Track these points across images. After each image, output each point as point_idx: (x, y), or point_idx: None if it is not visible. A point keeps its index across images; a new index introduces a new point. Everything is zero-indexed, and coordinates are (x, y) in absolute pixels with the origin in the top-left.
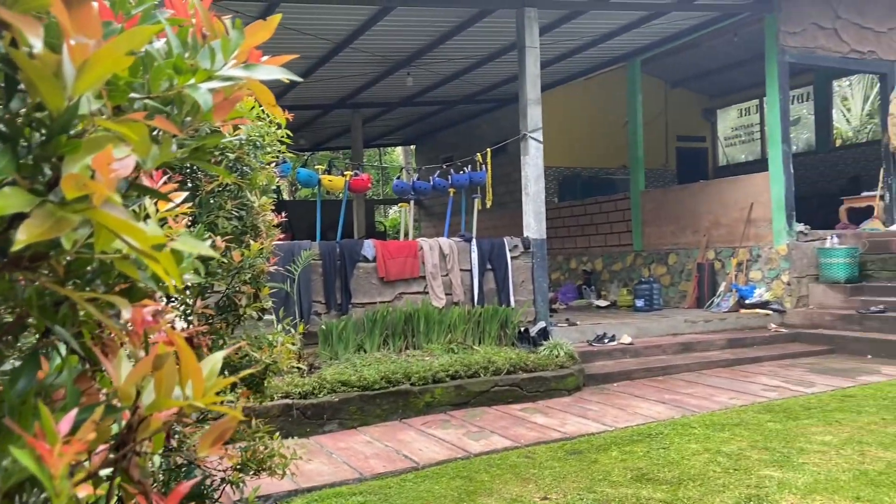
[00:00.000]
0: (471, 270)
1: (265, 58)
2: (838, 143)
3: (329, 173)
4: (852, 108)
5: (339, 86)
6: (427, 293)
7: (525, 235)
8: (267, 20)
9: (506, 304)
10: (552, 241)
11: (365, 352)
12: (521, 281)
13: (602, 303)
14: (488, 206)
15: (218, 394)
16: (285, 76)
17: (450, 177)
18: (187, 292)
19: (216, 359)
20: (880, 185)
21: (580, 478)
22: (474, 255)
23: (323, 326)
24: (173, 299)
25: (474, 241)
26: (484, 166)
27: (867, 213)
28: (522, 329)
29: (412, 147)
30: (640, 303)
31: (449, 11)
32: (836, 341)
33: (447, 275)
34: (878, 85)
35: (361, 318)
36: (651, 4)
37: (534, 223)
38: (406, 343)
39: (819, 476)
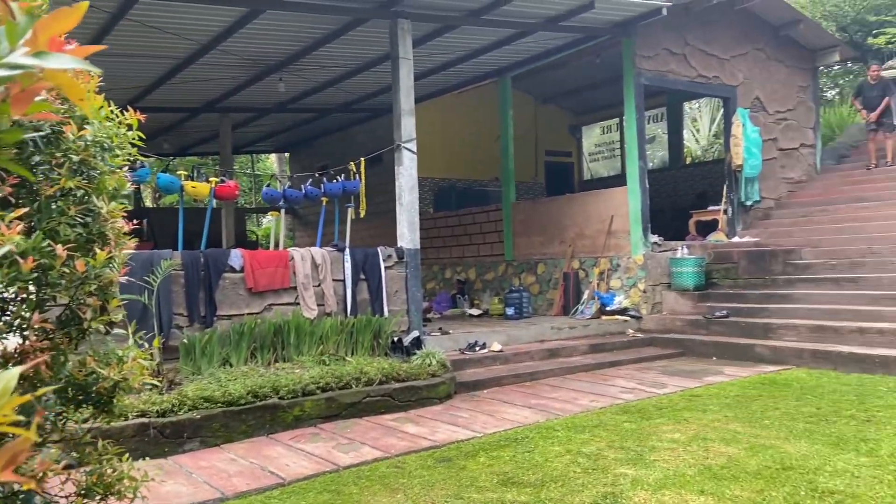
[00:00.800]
0: (344, 280)
1: (70, 47)
2: (689, 160)
3: (193, 179)
4: (701, 128)
5: (207, 88)
6: (298, 304)
7: (399, 245)
8: (73, 6)
9: (379, 314)
10: (427, 251)
11: (231, 366)
12: (395, 291)
13: (475, 311)
14: (362, 215)
15: (60, 415)
16: (82, 66)
17: (322, 185)
18: (23, 305)
19: (8, 376)
20: (724, 200)
21: (448, 485)
22: (347, 265)
23: (185, 340)
24: (6, 313)
25: (348, 251)
26: (358, 175)
27: (713, 225)
28: (396, 339)
29: (286, 154)
30: (510, 311)
31: (321, 18)
32: (685, 345)
33: (319, 285)
34: (723, 108)
35: (227, 331)
36: (519, 23)
37: (408, 233)
38: (275, 356)
39: (668, 472)
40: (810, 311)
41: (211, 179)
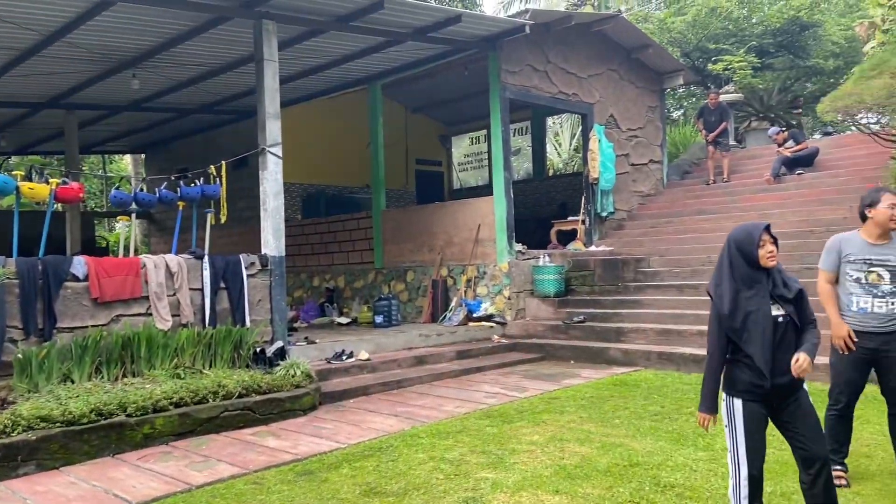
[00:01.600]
0: (202, 289)
1: None
2: (551, 172)
3: (30, 179)
4: (563, 142)
5: (51, 83)
6: (150, 314)
7: (263, 252)
8: None
9: (241, 325)
10: (296, 259)
11: (73, 382)
12: (258, 300)
13: (344, 320)
14: (223, 221)
15: None
16: None
17: (179, 189)
18: None
19: None
20: (582, 211)
21: (309, 499)
22: (206, 273)
23: (19, 355)
24: None
25: (206, 259)
26: (219, 179)
27: (573, 235)
28: (258, 350)
29: (142, 156)
30: (379, 319)
31: (181, 14)
32: (546, 349)
33: (175, 294)
34: (581, 124)
35: (69, 345)
36: (388, 32)
37: (273, 240)
38: (124, 370)
39: (527, 474)
40: (657, 315)
41: (52, 180)
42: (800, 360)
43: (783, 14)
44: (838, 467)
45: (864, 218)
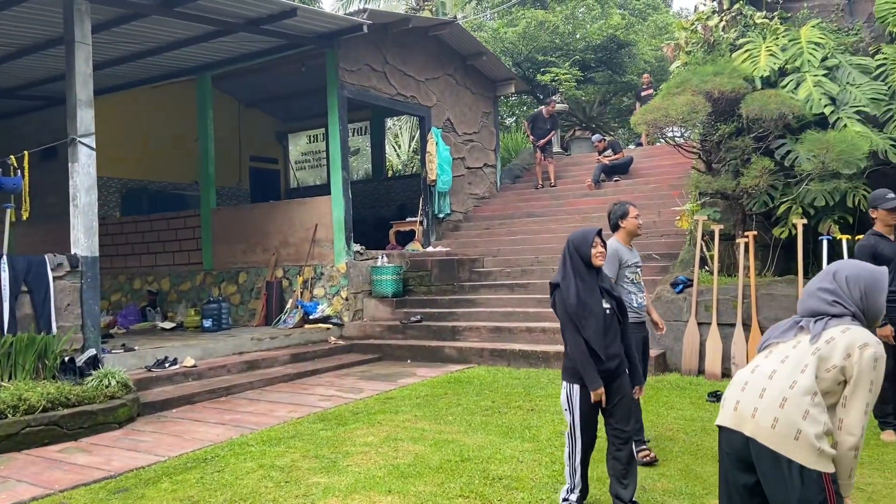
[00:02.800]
0: (0, 293)
1: None
2: (391, 173)
3: None
4: (402, 144)
5: None
6: None
7: (73, 252)
8: None
9: (46, 332)
10: (113, 259)
11: None
12: (67, 304)
13: (168, 325)
14: (25, 217)
15: None
16: None
17: None
18: None
19: None
20: (420, 212)
21: None
22: (4, 276)
23: None
24: None
25: (5, 259)
26: (21, 171)
27: (411, 235)
28: (67, 359)
29: None
30: (208, 323)
31: None
32: (384, 349)
33: None
34: (420, 126)
35: None
36: (218, 20)
37: (84, 239)
38: None
39: (360, 476)
40: (490, 314)
41: None
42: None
43: (603, 32)
44: (643, 446)
45: (616, 227)
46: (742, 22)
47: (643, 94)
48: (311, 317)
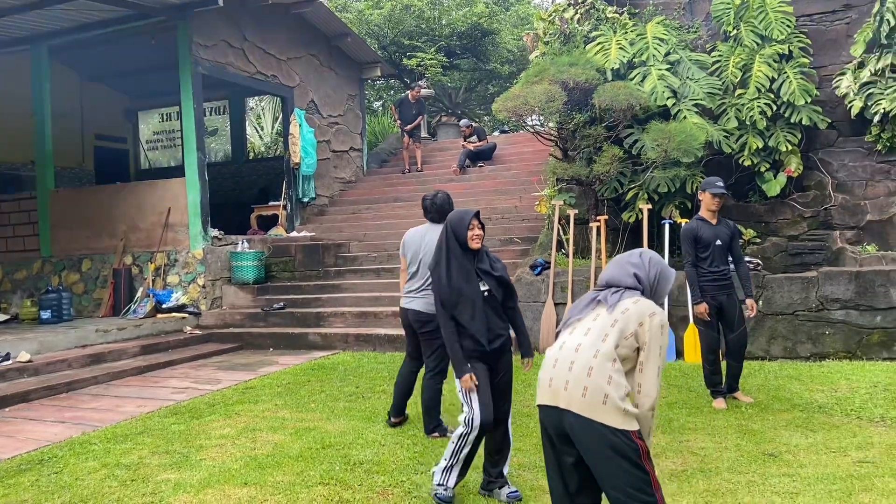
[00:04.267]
0: None
1: None
2: (252, 156)
3: None
4: (265, 125)
5: None
6: None
7: None
8: None
9: None
10: None
11: None
12: None
13: (1, 317)
14: None
15: None
16: None
17: None
18: None
19: None
20: (283, 196)
21: None
22: None
23: None
24: None
25: None
26: None
27: (274, 220)
28: None
29: None
30: (46, 314)
31: None
32: (244, 338)
33: None
34: (282, 107)
35: None
36: None
37: None
38: None
39: (214, 470)
40: (356, 299)
41: None
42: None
43: (467, 20)
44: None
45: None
46: (595, 15)
47: (409, 109)
48: (164, 306)
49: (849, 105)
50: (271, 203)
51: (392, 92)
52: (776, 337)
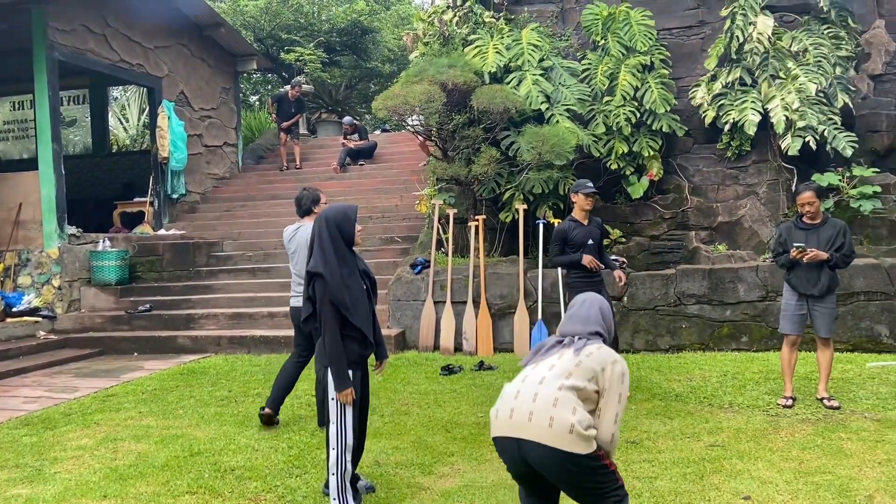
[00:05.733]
0: None
1: None
2: (116, 148)
3: None
4: (130, 116)
5: None
6: None
7: None
8: None
9: None
10: None
11: None
12: None
13: None
14: None
15: None
16: None
17: None
18: None
19: None
20: (151, 191)
21: None
22: None
23: None
24: None
25: None
26: None
27: (140, 217)
28: None
29: None
30: None
31: None
32: (106, 343)
33: None
34: (149, 98)
35: None
36: None
37: None
38: None
39: (70, 483)
40: (230, 299)
41: None
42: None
43: (347, 16)
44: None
45: (308, 213)
46: (473, 19)
47: (287, 107)
48: (14, 309)
49: (703, 115)
50: (137, 199)
51: (269, 87)
52: (639, 331)
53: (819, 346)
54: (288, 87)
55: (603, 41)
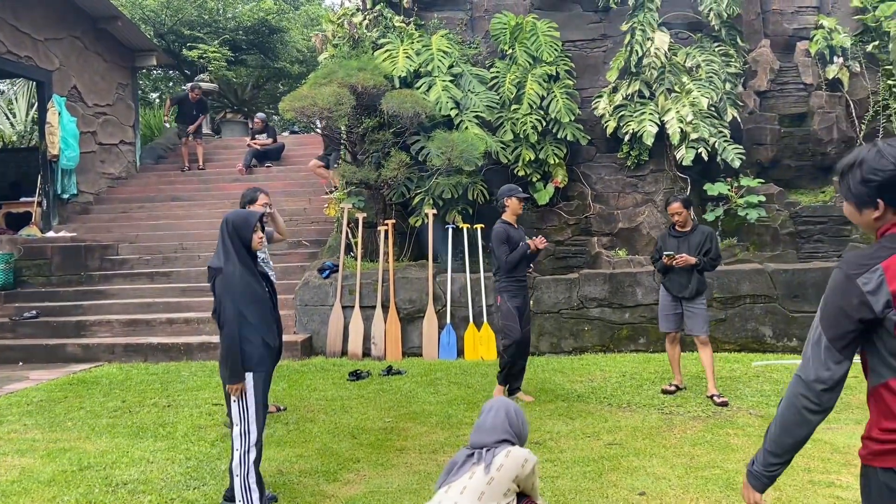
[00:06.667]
0: None
1: None
2: (1, 145)
3: None
4: (18, 112)
5: None
6: None
7: None
8: None
9: None
10: None
11: None
12: None
13: None
14: None
15: None
16: None
17: None
18: None
19: None
20: (38, 191)
21: None
22: None
23: None
24: None
25: None
26: None
27: (27, 218)
28: None
29: None
30: None
31: None
32: None
33: None
34: (38, 93)
35: None
36: None
37: None
38: None
39: None
40: (125, 305)
41: None
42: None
43: (254, 14)
44: None
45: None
46: (383, 23)
47: (189, 109)
48: None
49: (605, 125)
50: (24, 199)
51: (171, 84)
52: (544, 334)
53: (699, 346)
54: (188, 88)
55: (511, 50)
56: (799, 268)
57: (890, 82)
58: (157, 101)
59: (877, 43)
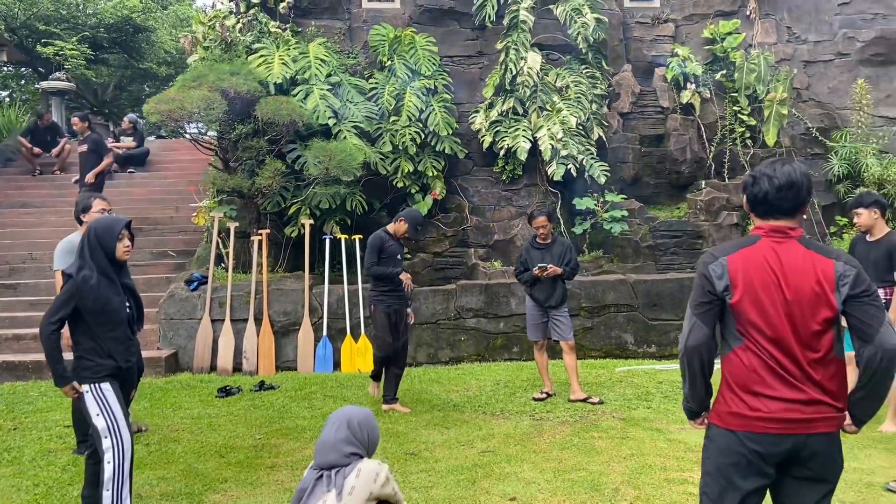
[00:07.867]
0: None
1: None
2: None
3: None
4: None
5: None
6: None
7: None
8: None
9: None
10: None
11: None
12: None
13: None
14: None
15: None
16: None
17: None
18: None
19: None
20: None
21: None
22: None
23: None
24: None
25: None
26: None
27: None
28: None
29: None
30: None
31: None
32: None
33: None
34: None
35: None
36: None
37: None
38: None
39: None
40: None
41: None
42: None
43: (118, 11)
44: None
45: (80, 222)
46: (258, 27)
47: (42, 136)
48: None
49: (481, 139)
50: None
51: (23, 81)
52: (422, 344)
53: (564, 351)
54: (36, 119)
55: (390, 62)
56: (657, 278)
57: (735, 108)
58: (7, 99)
59: (724, 72)
